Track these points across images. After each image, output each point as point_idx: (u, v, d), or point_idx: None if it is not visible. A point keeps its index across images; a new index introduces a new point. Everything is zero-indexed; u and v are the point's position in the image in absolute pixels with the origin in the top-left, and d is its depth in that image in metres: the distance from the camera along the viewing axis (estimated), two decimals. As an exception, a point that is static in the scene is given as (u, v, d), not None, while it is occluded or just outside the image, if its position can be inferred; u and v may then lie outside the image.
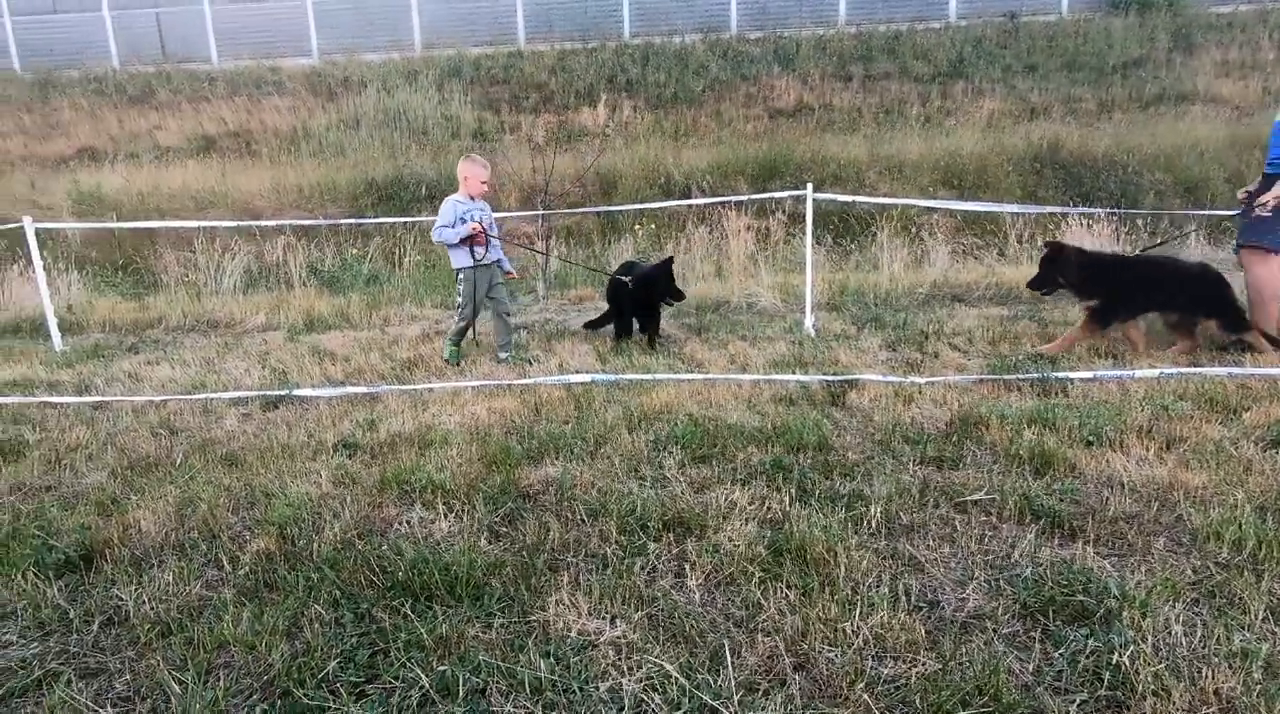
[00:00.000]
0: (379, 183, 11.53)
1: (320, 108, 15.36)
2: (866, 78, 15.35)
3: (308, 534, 2.21)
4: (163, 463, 2.95)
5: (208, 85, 15.82)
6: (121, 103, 15.21)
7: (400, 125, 14.57)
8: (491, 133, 14.82)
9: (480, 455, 2.85)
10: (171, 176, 12.14)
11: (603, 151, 10.41)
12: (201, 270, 7.31)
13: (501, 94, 16.10)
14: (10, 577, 2.02)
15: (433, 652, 1.63)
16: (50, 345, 5.59)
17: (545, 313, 6.61)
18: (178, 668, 1.61)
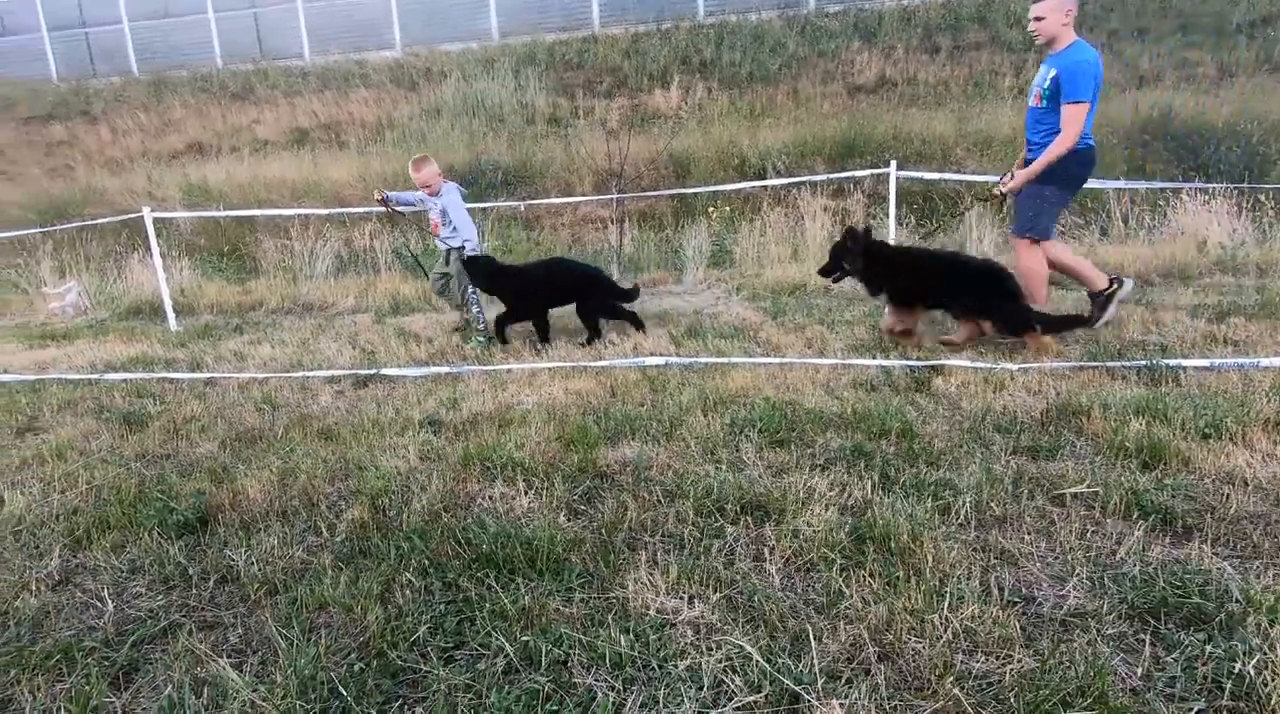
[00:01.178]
0: (458, 170, 11.84)
1: (403, 98, 15.90)
2: (955, 48, 14.57)
3: (398, 505, 2.32)
4: (266, 435, 3.15)
5: (301, 80, 16.64)
6: (224, 100, 16.20)
7: (478, 113, 14.92)
8: (565, 118, 14.96)
9: (558, 435, 2.90)
10: (269, 168, 12.87)
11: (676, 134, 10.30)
12: (297, 256, 7.74)
13: (575, 79, 16.20)
14: (138, 535, 2.21)
15: (516, 622, 1.68)
16: (166, 326, 6.07)
17: (619, 296, 6.64)
18: (284, 624, 1.73)
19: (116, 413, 3.57)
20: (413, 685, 1.51)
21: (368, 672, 1.53)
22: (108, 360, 4.93)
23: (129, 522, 2.29)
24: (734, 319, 5.33)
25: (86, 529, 2.25)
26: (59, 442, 3.16)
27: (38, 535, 2.25)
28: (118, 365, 4.73)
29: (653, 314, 5.60)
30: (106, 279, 8.00)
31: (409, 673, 1.54)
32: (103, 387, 4.17)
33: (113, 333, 5.97)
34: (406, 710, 1.43)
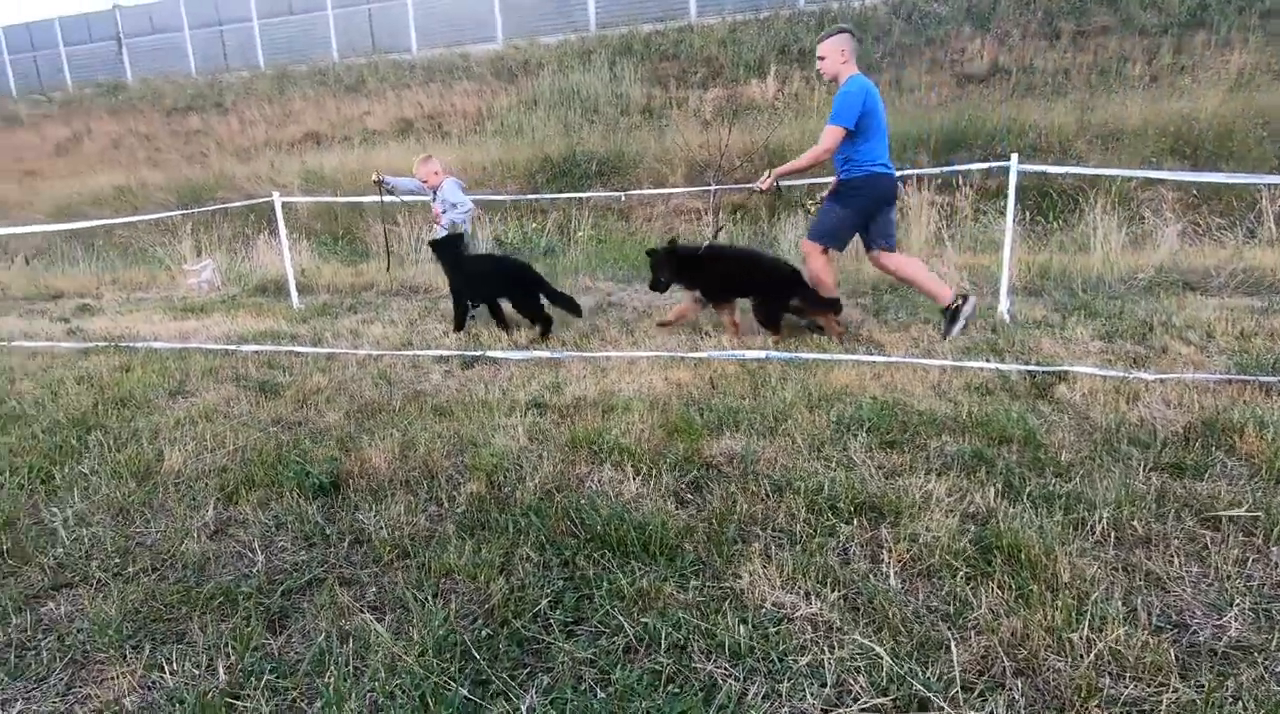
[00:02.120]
0: (554, 160, 12.09)
1: (503, 90, 16.36)
2: (1078, 34, 13.60)
3: (512, 482, 2.41)
4: (385, 409, 3.33)
5: (408, 73, 17.42)
6: (339, 92, 17.17)
7: (574, 104, 15.16)
8: (659, 108, 14.97)
9: (661, 423, 2.92)
10: (377, 157, 13.54)
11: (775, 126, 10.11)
12: (405, 241, 8.12)
13: (670, 70, 16.17)
14: (280, 494, 2.39)
15: (633, 603, 1.71)
16: (289, 303, 6.51)
17: (712, 288, 6.61)
18: (415, 586, 1.83)
19: (252, 381, 3.87)
20: (537, 655, 1.57)
21: (497, 638, 1.60)
22: (240, 333, 5.35)
23: (271, 481, 2.49)
24: (833, 315, 5.19)
25: (236, 486, 2.46)
26: (205, 405, 3.46)
27: (194, 489, 2.48)
28: (249, 338, 5.13)
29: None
30: (236, 258, 8.68)
31: (534, 643, 1.60)
32: (238, 357, 4.53)
33: (243, 308, 6.48)
34: (535, 678, 1.49)
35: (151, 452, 2.81)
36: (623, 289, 6.66)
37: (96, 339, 5.33)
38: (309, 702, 1.43)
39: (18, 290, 8.67)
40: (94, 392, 3.80)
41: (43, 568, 1.99)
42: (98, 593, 1.86)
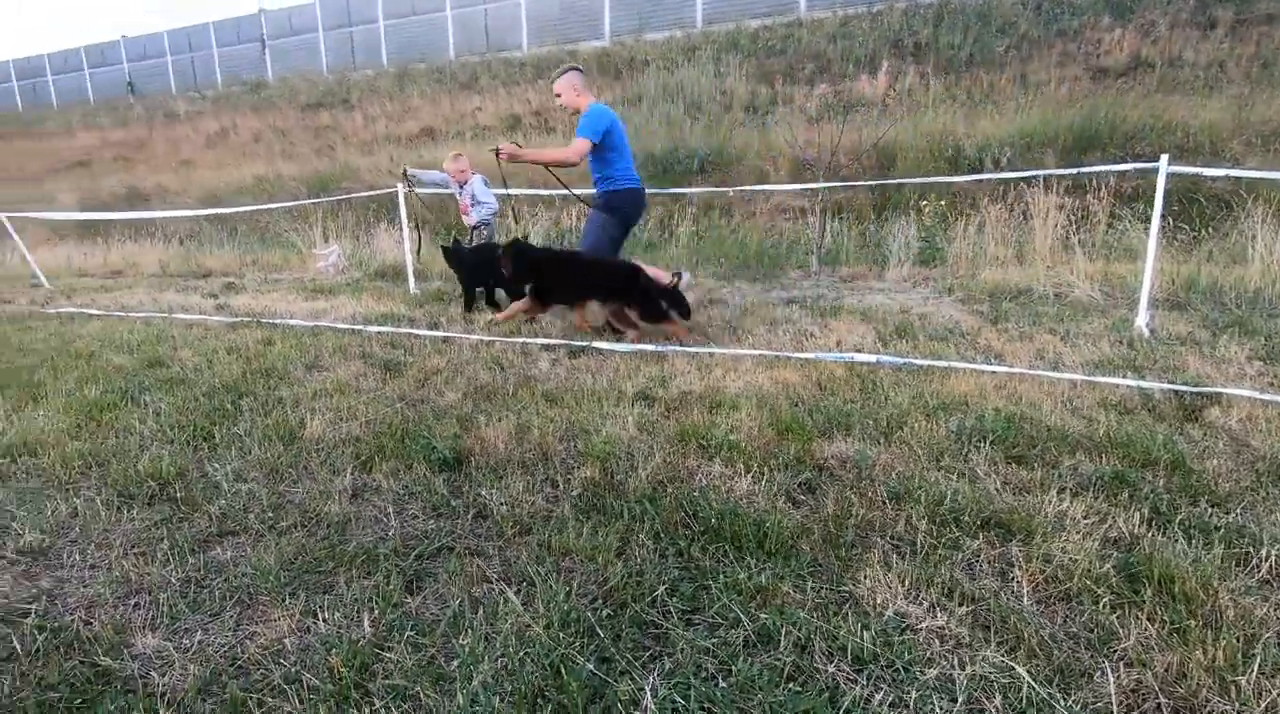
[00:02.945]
0: (656, 156, 12.16)
1: (607, 87, 16.61)
2: (1237, 23, 12.34)
3: (624, 470, 2.46)
4: (499, 392, 3.48)
5: (518, 70, 18.01)
6: (454, 89, 17.99)
7: (677, 101, 15.19)
8: (763, 105, 14.77)
9: (770, 422, 2.90)
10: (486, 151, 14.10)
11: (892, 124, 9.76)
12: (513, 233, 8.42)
13: (776, 66, 15.91)
14: (409, 465, 2.55)
15: (751, 598, 1.71)
16: (407, 288, 6.91)
17: (817, 288, 6.47)
18: (537, 562, 1.91)
19: (378, 360, 4.14)
20: (657, 639, 1.60)
21: (618, 619, 1.64)
22: (364, 314, 5.72)
23: (400, 453, 2.65)
24: (946, 321, 4.97)
25: (370, 455, 2.65)
26: (338, 379, 3.73)
27: (333, 455, 2.69)
28: (373, 319, 5.48)
29: (855, 310, 5.40)
30: (359, 244, 9.28)
31: (653, 627, 1.63)
32: (363, 336, 4.85)
33: (365, 291, 6.93)
34: (656, 661, 1.52)
35: (295, 419, 3.06)
36: (724, 286, 6.64)
37: (241, 314, 5.85)
38: (446, 660, 1.52)
39: (175, 268, 9.63)
40: (242, 362, 4.18)
41: (209, 516, 2.21)
42: (256, 542, 2.05)
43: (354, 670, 1.47)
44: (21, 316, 6.19)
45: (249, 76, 22.00)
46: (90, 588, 1.83)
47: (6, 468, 2.62)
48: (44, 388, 3.62)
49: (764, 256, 7.94)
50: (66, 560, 1.97)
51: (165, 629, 1.65)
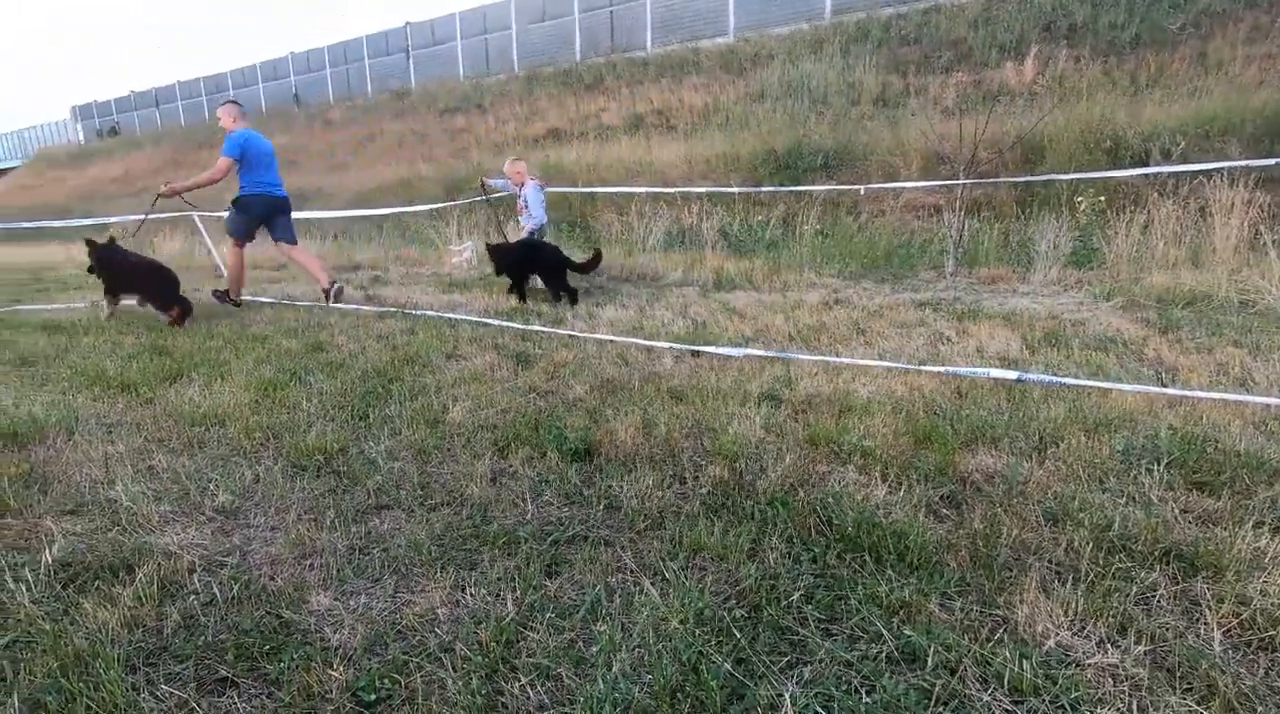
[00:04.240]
0: (778, 153, 11.94)
1: (730, 84, 16.47)
2: None
3: (753, 471, 2.43)
4: (624, 387, 3.54)
5: (641, 70, 18.25)
6: (579, 90, 18.52)
7: (802, 96, 14.80)
8: (894, 97, 14.09)
9: (906, 430, 2.76)
10: (609, 151, 14.40)
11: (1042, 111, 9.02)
12: (634, 230, 8.57)
13: (910, 55, 15.12)
14: (543, 454, 2.66)
15: (893, 613, 1.64)
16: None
17: (953, 291, 6.10)
18: (669, 556, 1.93)
19: (509, 352, 4.34)
20: (794, 646, 1.56)
21: (756, 622, 1.63)
22: (496, 308, 6.02)
23: (534, 442, 2.77)
24: (1105, 329, 4.53)
25: (506, 442, 2.78)
26: (474, 369, 3.95)
27: (473, 440, 2.84)
28: (503, 312, 5.76)
29: (996, 314, 5.04)
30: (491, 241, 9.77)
31: (790, 633, 1.60)
32: (495, 329, 5.11)
33: (495, 286, 7.28)
34: (795, 669, 1.49)
35: (438, 404, 3.27)
36: (850, 286, 6.40)
37: (388, 305, 6.34)
38: (585, 645, 1.57)
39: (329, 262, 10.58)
40: (389, 349, 4.52)
41: (368, 490, 2.41)
42: (409, 517, 2.21)
43: (501, 646, 1.55)
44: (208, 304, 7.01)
45: (394, 85, 23.76)
46: (272, 546, 2.04)
47: (202, 435, 2.97)
48: (229, 367, 4.09)
49: (893, 256, 7.57)
50: (253, 521, 2.21)
51: (335, 590, 1.81)
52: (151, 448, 2.83)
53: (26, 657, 1.52)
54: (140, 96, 32.88)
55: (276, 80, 27.72)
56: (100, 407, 3.37)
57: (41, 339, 5.06)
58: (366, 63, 24.92)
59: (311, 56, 26.53)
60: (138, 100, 32.96)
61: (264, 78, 28.12)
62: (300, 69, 26.95)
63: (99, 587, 1.80)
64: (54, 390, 3.67)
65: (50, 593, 1.78)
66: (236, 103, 6.52)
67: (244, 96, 28.68)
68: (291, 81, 27.16)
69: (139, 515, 2.20)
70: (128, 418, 3.20)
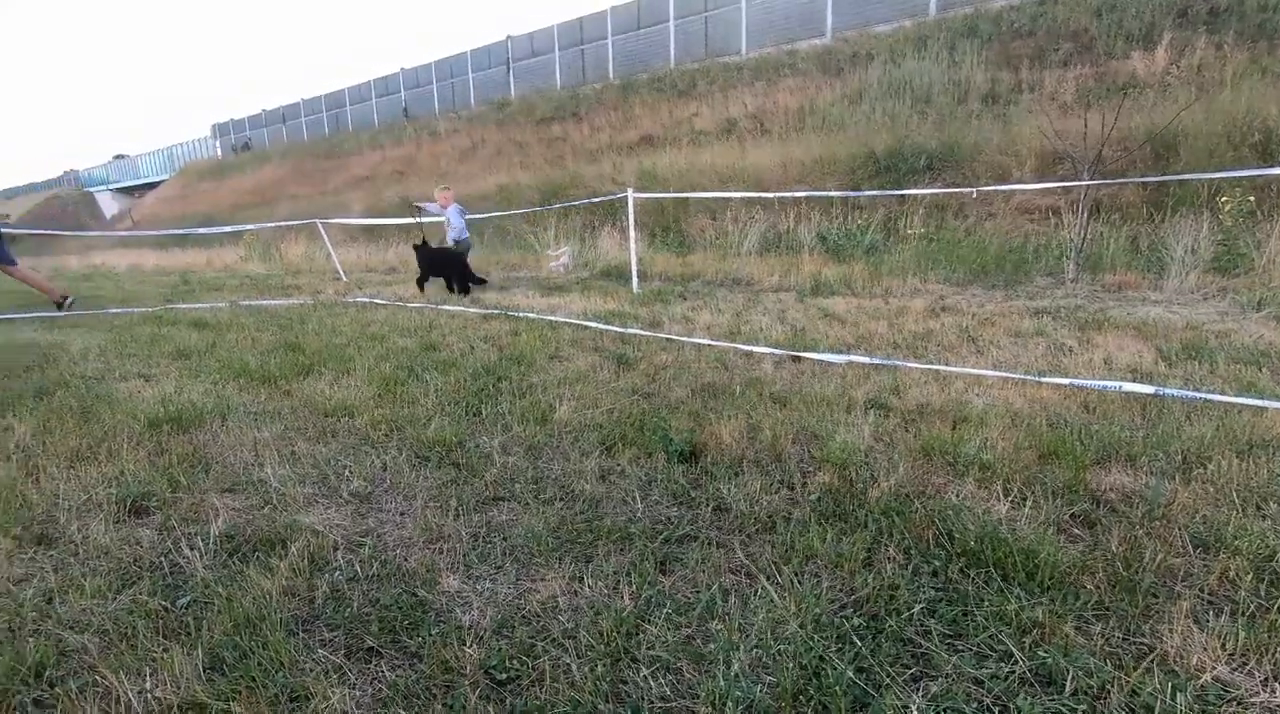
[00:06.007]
0: (878, 155, 11.57)
1: (827, 85, 16.13)
2: None
3: (864, 479, 2.38)
4: (725, 391, 3.55)
5: (735, 74, 18.16)
6: (673, 97, 18.65)
7: (903, 95, 14.29)
8: (1005, 94, 13.36)
9: (1028, 443, 2.62)
10: (702, 156, 14.42)
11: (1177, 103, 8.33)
12: (729, 235, 8.55)
13: (1024, 49, 14.30)
14: (649, 454, 2.71)
15: (1024, 632, 1.57)
16: (630, 287, 7.31)
17: (1074, 298, 5.72)
18: (778, 560, 1.92)
19: (610, 353, 4.44)
20: (917, 659, 1.53)
21: (877, 631, 1.60)
22: (594, 311, 6.17)
23: (639, 442, 2.82)
24: (1255, 341, 4.12)
25: (612, 441, 2.85)
26: (577, 369, 4.07)
27: (580, 438, 2.93)
28: (601, 316, 5.89)
29: (1125, 323, 4.68)
30: (585, 246, 10.02)
31: (913, 645, 1.56)
32: (594, 331, 5.23)
33: (592, 290, 7.46)
34: (919, 682, 1.46)
35: (545, 403, 3.39)
36: (958, 292, 6.13)
37: (491, 307, 6.62)
38: (703, 642, 1.60)
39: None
40: (496, 349, 4.73)
41: (485, 481, 2.53)
42: (525, 509, 2.31)
43: (622, 636, 1.60)
44: (330, 304, 7.58)
45: (495, 96, 24.77)
46: (403, 530, 2.19)
47: (334, 425, 3.22)
48: (353, 362, 4.40)
49: (1005, 261, 7.17)
50: (385, 506, 2.38)
51: (463, 573, 1.93)
52: (292, 435, 3.09)
53: (205, 615, 1.70)
54: (270, 114, 35.85)
55: (388, 96, 29.51)
56: (246, 397, 3.71)
57: (193, 335, 5.62)
58: (470, 76, 26.10)
59: (420, 73, 28.06)
60: (268, 117, 35.94)
61: (377, 94, 29.99)
62: (410, 84, 28.57)
63: (258, 558, 1.99)
64: (206, 381, 4.07)
65: (218, 561, 1.99)
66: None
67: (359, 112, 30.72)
68: (402, 96, 28.84)
69: (287, 496, 2.41)
70: (269, 407, 3.51)
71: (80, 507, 2.35)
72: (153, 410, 3.31)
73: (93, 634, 1.64)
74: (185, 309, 7.52)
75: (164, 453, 2.85)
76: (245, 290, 10.00)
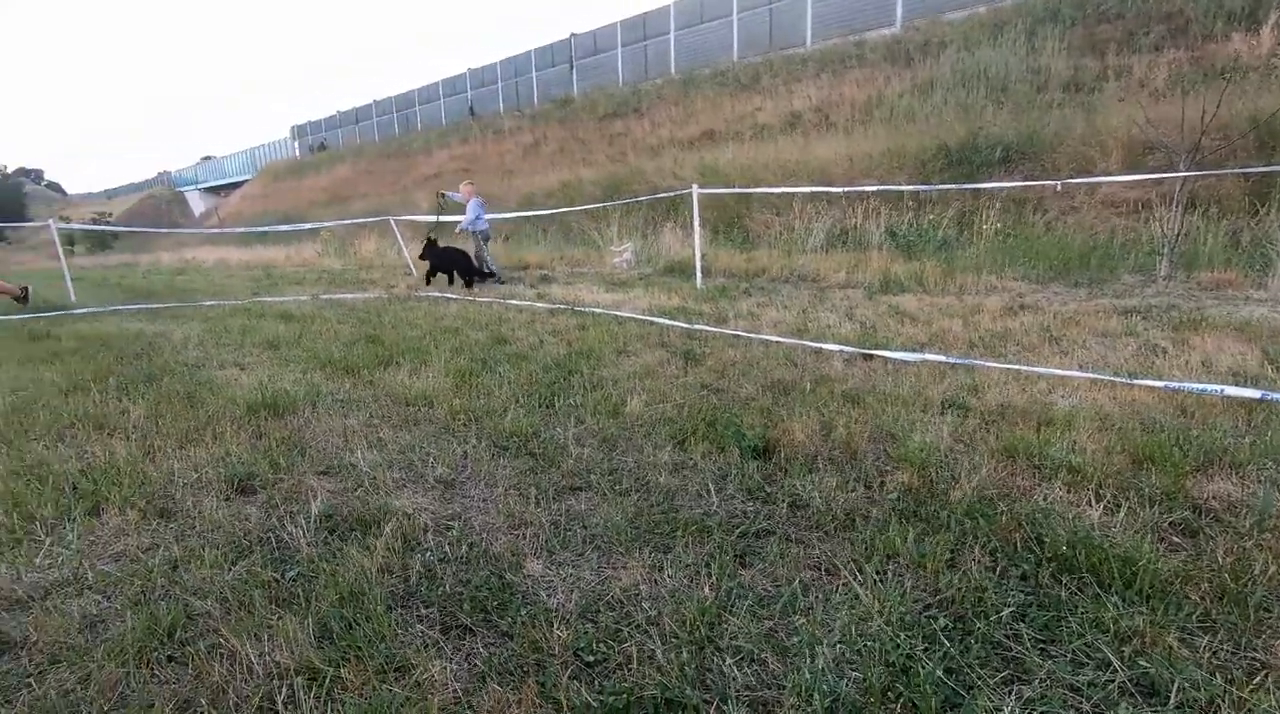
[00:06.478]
0: (950, 147, 11.18)
1: (895, 76, 15.67)
2: None
3: (945, 480, 2.34)
4: (795, 388, 3.53)
5: (800, 66, 17.84)
6: (736, 91, 18.47)
7: (977, 85, 13.76)
8: (1089, 81, 12.69)
9: (1121, 447, 2.52)
10: (765, 150, 14.24)
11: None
12: (793, 231, 8.44)
13: (1110, 33, 13.55)
14: (721, 449, 2.72)
15: (1123, 641, 1.52)
16: (693, 283, 7.32)
17: (1166, 297, 5.41)
18: (859, 558, 1.91)
19: (676, 349, 4.46)
20: (1008, 662, 1.50)
21: (966, 632, 1.58)
22: (659, 307, 6.21)
23: (711, 436, 2.84)
24: (1376, 345, 3.81)
25: (684, 435, 2.88)
26: (644, 364, 4.11)
27: (653, 432, 2.97)
28: (666, 311, 5.92)
29: (1225, 325, 4.41)
30: (647, 242, 10.07)
31: (1003, 648, 1.54)
32: (659, 327, 5.27)
33: (655, 286, 7.50)
34: (1011, 685, 1.43)
35: (616, 396, 3.44)
36: (1038, 290, 5.88)
37: (558, 302, 6.74)
38: (786, 635, 1.61)
39: (502, 262, 11.42)
40: (564, 343, 4.82)
41: (562, 471, 2.60)
42: (602, 500, 2.36)
43: (705, 626, 1.63)
44: (404, 298, 7.87)
45: (558, 94, 25.08)
46: (487, 515, 2.28)
47: (415, 414, 3.36)
48: (429, 354, 4.57)
49: (1089, 258, 6.83)
50: (468, 492, 2.47)
51: (546, 559, 1.99)
52: (377, 422, 3.25)
53: (313, 588, 1.82)
54: (344, 115, 37.32)
55: (455, 96, 30.27)
56: (332, 385, 3.91)
57: (280, 326, 5.94)
58: (534, 75, 26.51)
59: (486, 72, 28.67)
60: (342, 118, 37.43)
61: (444, 94, 30.81)
62: (476, 84, 29.23)
63: (355, 536, 2.11)
64: (295, 370, 4.31)
65: (319, 538, 2.12)
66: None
67: (427, 112, 31.64)
68: (468, 96, 29.53)
69: (377, 480, 2.54)
70: (355, 396, 3.69)
71: (193, 484, 2.54)
72: (251, 396, 3.53)
73: (214, 600, 1.77)
74: (271, 302, 7.94)
75: (263, 436, 3.03)
76: (323, 284, 10.48)
